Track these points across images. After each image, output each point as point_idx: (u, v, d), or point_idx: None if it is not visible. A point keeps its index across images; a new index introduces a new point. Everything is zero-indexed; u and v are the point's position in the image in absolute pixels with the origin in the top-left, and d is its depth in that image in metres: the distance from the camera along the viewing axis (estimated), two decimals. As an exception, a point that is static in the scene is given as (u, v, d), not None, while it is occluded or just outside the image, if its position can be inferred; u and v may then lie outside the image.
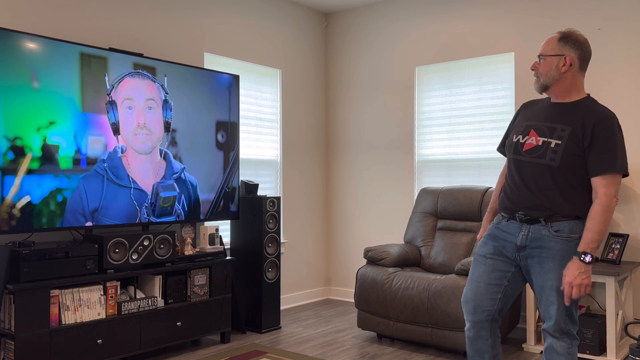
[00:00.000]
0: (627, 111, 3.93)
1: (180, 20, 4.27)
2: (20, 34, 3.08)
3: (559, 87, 2.30)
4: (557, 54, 2.28)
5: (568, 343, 2.29)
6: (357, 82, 5.38)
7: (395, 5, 5.13)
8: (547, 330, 2.31)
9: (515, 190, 2.34)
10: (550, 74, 2.29)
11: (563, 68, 2.27)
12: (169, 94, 3.76)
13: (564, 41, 2.28)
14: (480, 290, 2.40)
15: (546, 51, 2.30)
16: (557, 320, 2.26)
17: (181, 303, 3.68)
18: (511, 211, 2.35)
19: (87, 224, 3.35)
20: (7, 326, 2.99)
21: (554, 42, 2.29)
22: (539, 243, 2.27)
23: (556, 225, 2.25)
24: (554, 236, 2.25)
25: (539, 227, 2.28)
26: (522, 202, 2.31)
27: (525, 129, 2.36)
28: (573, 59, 2.27)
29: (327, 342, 3.99)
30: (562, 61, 2.27)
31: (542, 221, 2.27)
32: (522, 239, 2.31)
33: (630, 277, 3.84)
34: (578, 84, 2.31)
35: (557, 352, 2.29)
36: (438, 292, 3.60)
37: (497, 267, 2.39)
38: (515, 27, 4.40)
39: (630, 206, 3.90)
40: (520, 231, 2.32)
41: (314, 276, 5.45)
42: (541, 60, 2.31)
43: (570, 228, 2.24)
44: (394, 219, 5.12)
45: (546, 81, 2.30)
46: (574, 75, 2.29)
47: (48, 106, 3.18)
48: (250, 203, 4.28)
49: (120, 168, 3.50)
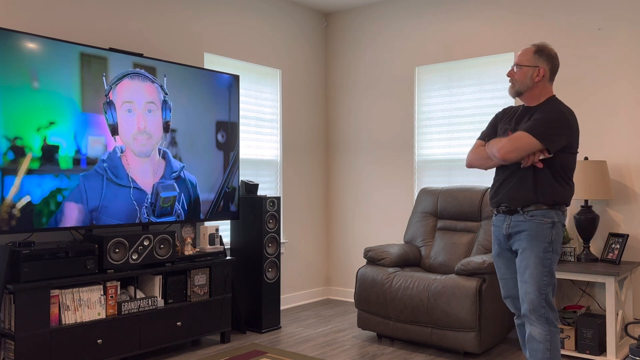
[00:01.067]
0: (627, 111, 3.93)
1: (180, 20, 4.27)
2: (20, 34, 3.08)
3: (530, 94, 2.61)
4: (532, 65, 2.57)
5: (546, 330, 2.45)
6: (357, 82, 5.38)
7: (395, 5, 5.13)
8: (525, 315, 2.50)
9: (499, 185, 2.64)
10: (525, 82, 2.59)
11: (537, 78, 2.56)
12: (168, 95, 3.76)
13: (539, 54, 2.57)
14: (507, 285, 2.69)
15: (522, 61, 2.59)
16: (531, 301, 2.47)
17: (181, 303, 3.68)
18: (497, 204, 2.65)
19: (87, 224, 3.35)
20: (7, 326, 2.99)
21: (530, 54, 2.59)
22: (518, 228, 2.56)
23: (531, 212, 2.53)
24: (528, 220, 2.53)
25: (517, 216, 2.56)
26: (503, 195, 2.60)
27: (504, 132, 2.65)
28: (545, 70, 2.57)
29: (327, 342, 3.99)
30: (536, 72, 2.56)
31: (519, 210, 2.55)
32: (506, 228, 2.60)
33: (630, 277, 3.84)
34: (547, 91, 2.61)
35: (536, 340, 2.46)
36: (438, 292, 3.60)
37: (509, 263, 2.67)
38: (515, 27, 4.40)
39: (630, 206, 3.89)
40: (505, 222, 2.61)
41: (314, 276, 5.45)
42: (517, 69, 2.60)
43: (543, 213, 2.51)
44: (394, 219, 5.12)
45: (521, 88, 2.61)
46: (545, 85, 2.60)
47: (48, 106, 3.18)
48: (250, 203, 4.28)
49: (119, 168, 3.50)
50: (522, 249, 2.53)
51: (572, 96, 4.13)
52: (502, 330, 3.78)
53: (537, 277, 2.47)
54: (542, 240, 2.49)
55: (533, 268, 2.47)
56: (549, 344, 2.42)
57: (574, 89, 4.12)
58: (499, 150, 2.48)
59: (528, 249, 2.50)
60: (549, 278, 2.48)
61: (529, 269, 2.48)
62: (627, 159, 3.92)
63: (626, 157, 3.92)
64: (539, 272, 2.47)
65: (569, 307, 3.88)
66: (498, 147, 2.49)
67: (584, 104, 4.09)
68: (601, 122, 4.02)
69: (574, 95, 4.13)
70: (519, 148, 2.45)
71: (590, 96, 4.07)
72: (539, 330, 2.44)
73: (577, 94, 4.12)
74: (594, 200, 3.96)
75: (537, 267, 2.47)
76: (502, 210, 2.62)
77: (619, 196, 3.93)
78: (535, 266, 2.47)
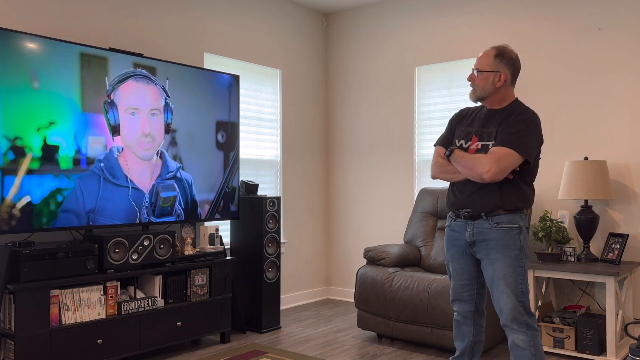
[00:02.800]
0: (627, 111, 3.92)
1: (180, 20, 4.27)
2: (21, 34, 3.08)
3: (492, 99, 2.55)
4: (493, 70, 2.51)
5: (529, 335, 2.43)
6: (357, 82, 5.38)
7: (395, 5, 5.13)
8: (504, 325, 2.47)
9: (461, 189, 2.55)
10: (486, 88, 2.52)
11: (498, 83, 2.51)
12: (170, 97, 3.76)
13: (499, 58, 2.51)
14: (457, 290, 2.67)
15: (483, 66, 2.53)
16: (511, 310, 2.43)
17: (181, 303, 3.68)
18: (457, 208, 2.58)
19: (87, 224, 3.35)
20: (7, 326, 2.99)
21: (491, 58, 2.52)
22: (483, 236, 2.49)
23: (496, 219, 2.47)
24: (495, 228, 2.46)
25: (481, 222, 2.50)
26: (465, 199, 2.53)
27: (466, 134, 2.59)
28: (507, 75, 2.51)
29: (327, 342, 3.99)
30: (497, 77, 2.51)
31: (483, 216, 2.49)
32: (469, 235, 2.53)
33: (630, 277, 3.84)
34: (509, 95, 2.56)
35: (520, 347, 2.46)
36: (438, 292, 3.60)
37: (464, 269, 2.63)
38: (515, 27, 4.40)
39: (630, 206, 3.89)
40: (467, 228, 2.54)
41: (314, 276, 5.45)
42: (478, 74, 2.54)
43: (509, 219, 2.46)
44: (394, 219, 5.12)
45: (482, 94, 2.54)
46: (507, 89, 2.54)
47: (48, 106, 3.18)
48: (250, 203, 4.28)
49: (116, 168, 3.50)
50: (491, 259, 2.47)
51: (572, 96, 4.13)
52: (502, 330, 3.78)
53: (513, 286, 2.43)
54: (513, 248, 2.44)
55: (509, 277, 2.43)
56: (533, 349, 2.41)
57: (574, 89, 4.12)
58: (487, 172, 2.37)
59: (499, 260, 2.44)
60: (524, 285, 2.45)
61: (505, 279, 2.43)
62: (627, 159, 3.92)
63: (626, 157, 3.92)
64: (514, 280, 2.43)
65: (569, 307, 3.88)
66: (484, 170, 2.37)
67: (584, 104, 4.09)
68: (601, 122, 4.02)
69: (574, 96, 4.13)
70: (505, 168, 2.38)
71: (590, 96, 4.07)
72: (522, 337, 2.42)
73: (577, 94, 4.12)
74: (594, 200, 3.96)
75: (512, 275, 2.43)
76: (463, 216, 2.55)
77: (619, 196, 3.93)
78: (510, 275, 2.43)
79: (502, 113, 2.54)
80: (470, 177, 2.45)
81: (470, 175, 2.44)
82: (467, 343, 2.68)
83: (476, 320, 2.67)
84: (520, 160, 2.40)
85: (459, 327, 2.70)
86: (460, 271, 2.63)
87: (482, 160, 2.41)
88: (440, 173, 2.59)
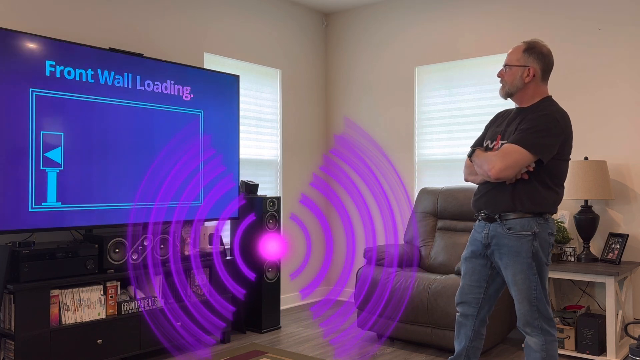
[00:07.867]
0: (627, 111, 3.92)
1: (180, 20, 4.27)
2: (21, 34, 3.08)
3: (522, 95, 2.47)
4: (522, 64, 2.43)
5: (542, 340, 2.40)
6: (357, 82, 5.38)
7: (395, 5, 5.13)
8: (518, 327, 2.46)
9: (480, 189, 2.53)
10: (515, 83, 2.45)
11: (527, 79, 2.43)
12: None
13: (529, 52, 2.43)
14: (464, 290, 2.61)
15: (511, 61, 2.46)
16: (523, 315, 2.41)
17: (181, 303, 3.68)
18: (478, 210, 2.54)
19: (87, 224, 3.35)
20: (7, 326, 2.99)
21: (519, 53, 2.45)
22: (497, 241, 2.44)
23: (509, 223, 2.40)
24: (507, 234, 2.40)
25: (495, 225, 2.44)
26: (480, 200, 2.51)
27: (494, 134, 2.54)
28: (536, 70, 2.43)
29: (327, 342, 3.99)
30: (526, 72, 2.42)
31: (497, 219, 2.43)
32: (484, 236, 2.49)
33: (630, 277, 3.84)
34: (540, 92, 2.47)
35: (532, 349, 2.45)
36: (438, 292, 3.60)
37: (476, 270, 2.57)
38: (515, 27, 4.40)
39: (630, 206, 3.89)
40: (484, 229, 2.50)
41: (314, 276, 5.44)
42: (507, 69, 2.47)
43: (522, 225, 2.38)
44: (393, 219, 5.12)
45: (510, 90, 2.48)
46: (537, 85, 2.45)
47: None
48: (250, 203, 4.28)
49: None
50: (504, 264, 2.42)
51: (572, 96, 4.13)
52: (502, 330, 3.78)
53: (526, 292, 2.38)
54: (524, 257, 2.36)
55: (521, 284, 2.39)
56: (545, 353, 2.38)
57: (574, 89, 4.12)
58: (491, 170, 2.33)
59: (511, 266, 2.40)
60: (538, 290, 2.39)
61: (517, 285, 2.39)
62: (627, 159, 3.92)
63: (626, 157, 3.92)
64: (527, 287, 2.38)
65: (569, 307, 3.88)
66: (489, 167, 2.34)
67: (584, 104, 4.09)
68: (601, 122, 4.02)
69: (574, 96, 4.13)
70: (511, 165, 2.30)
71: (590, 96, 4.07)
72: (534, 340, 2.40)
73: (577, 94, 4.12)
74: (594, 200, 3.96)
75: (525, 282, 2.38)
76: (481, 217, 2.51)
77: (619, 196, 3.93)
78: (522, 282, 2.38)
79: (527, 111, 2.45)
80: (482, 175, 2.43)
81: (480, 173, 2.43)
82: (463, 347, 2.64)
83: (476, 326, 2.61)
84: (530, 158, 2.31)
85: (459, 328, 2.68)
86: (472, 271, 2.58)
87: (489, 157, 2.38)
88: (467, 175, 2.58)
